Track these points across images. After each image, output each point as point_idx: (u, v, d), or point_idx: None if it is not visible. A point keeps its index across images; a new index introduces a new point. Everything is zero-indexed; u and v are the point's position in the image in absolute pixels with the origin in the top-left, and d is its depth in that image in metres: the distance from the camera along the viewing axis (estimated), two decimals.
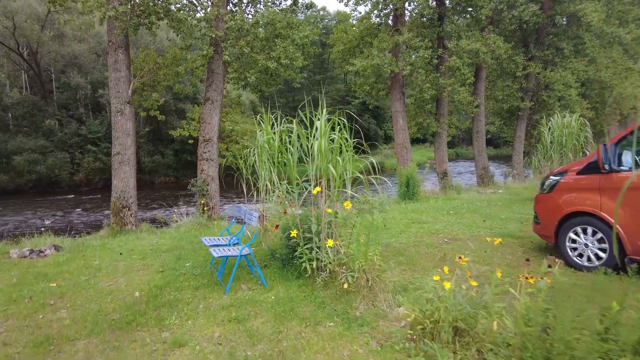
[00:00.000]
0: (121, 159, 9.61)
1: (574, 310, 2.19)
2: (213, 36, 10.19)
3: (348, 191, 4.47)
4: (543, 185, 5.49)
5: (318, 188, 4.32)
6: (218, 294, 4.35)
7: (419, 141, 42.71)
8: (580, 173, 4.92)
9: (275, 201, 5.40)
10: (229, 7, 11.93)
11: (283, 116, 5.40)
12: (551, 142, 9.95)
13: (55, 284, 4.88)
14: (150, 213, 17.11)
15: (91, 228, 13.02)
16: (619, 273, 3.84)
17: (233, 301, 4.14)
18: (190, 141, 19.29)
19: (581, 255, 4.84)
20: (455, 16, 15.29)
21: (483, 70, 16.74)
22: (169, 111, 28.42)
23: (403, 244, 6.07)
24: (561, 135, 9.77)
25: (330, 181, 4.46)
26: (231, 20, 10.65)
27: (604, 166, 4.51)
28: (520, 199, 10.19)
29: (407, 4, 15.32)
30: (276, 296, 4.22)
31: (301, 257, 4.40)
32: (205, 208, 9.92)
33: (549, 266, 2.62)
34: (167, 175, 30.25)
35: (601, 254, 4.66)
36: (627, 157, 4.51)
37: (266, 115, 5.46)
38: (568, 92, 17.14)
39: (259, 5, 12.54)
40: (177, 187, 25.69)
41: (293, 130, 4.93)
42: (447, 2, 15.08)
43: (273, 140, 5.34)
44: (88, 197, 23.30)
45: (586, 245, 4.78)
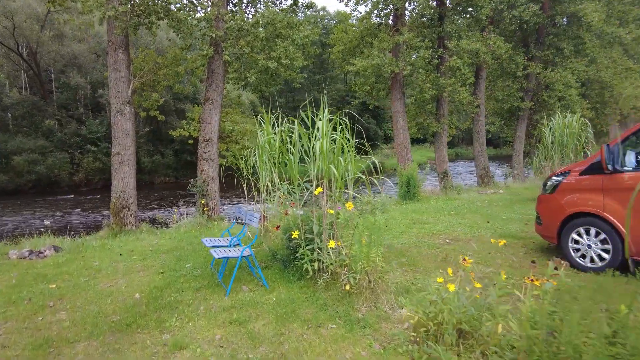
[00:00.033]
0: (121, 159, 9.58)
1: (581, 312, 2.15)
2: (213, 36, 10.16)
3: (350, 192, 4.44)
4: (545, 185, 5.46)
5: (320, 189, 4.29)
6: (219, 296, 4.32)
7: (419, 141, 42.68)
8: (583, 173, 4.89)
9: (276, 202, 5.36)
10: (229, 7, 11.90)
11: (283, 116, 5.37)
12: (552, 142, 9.91)
13: (54, 285, 4.84)
14: (150, 213, 17.08)
15: (90, 228, 12.98)
16: (627, 275, 3.81)
17: (234, 303, 4.10)
18: (190, 141, 19.25)
19: (584, 256, 4.81)
20: (455, 16, 15.26)
21: (483, 70, 16.72)
22: (169, 111, 28.37)
23: (404, 245, 6.04)
24: (562, 135, 9.74)
25: (331, 182, 4.43)
26: (231, 20, 10.63)
27: (607, 166, 4.48)
28: (521, 200, 10.17)
29: (408, 4, 15.30)
30: (277, 298, 4.18)
31: (302, 258, 4.37)
32: (205, 208, 9.89)
33: (555, 268, 2.59)
34: (167, 175, 30.20)
35: (604, 255, 4.63)
36: (631, 158, 4.49)
37: (267, 115, 5.44)
38: (568, 92, 17.13)
39: (259, 5, 12.51)
40: (177, 187, 25.66)
41: (294, 130, 4.90)
42: (448, 2, 15.04)
43: (274, 140, 5.31)
44: (87, 197, 23.26)
45: (589, 246, 4.75)
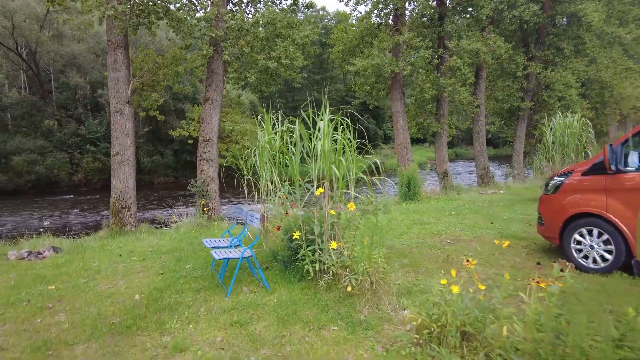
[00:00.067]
0: (120, 159, 9.54)
1: (588, 315, 2.12)
2: (213, 36, 10.12)
3: (351, 192, 4.41)
4: (547, 186, 5.44)
5: (321, 189, 4.26)
6: (219, 297, 4.28)
7: (418, 141, 42.66)
8: (585, 174, 4.87)
9: (277, 202, 5.33)
10: (229, 7, 11.86)
11: (283, 116, 5.34)
12: (553, 142, 9.88)
13: (53, 287, 4.80)
14: (149, 213, 17.04)
15: (89, 229, 12.95)
16: (634, 277, 3.78)
17: (235, 304, 4.06)
18: (189, 141, 19.21)
19: (586, 257, 4.79)
20: (455, 16, 15.25)
21: (483, 70, 16.70)
22: (169, 111, 28.33)
23: (406, 245, 6.01)
24: (563, 135, 9.71)
25: (333, 182, 4.40)
26: (231, 19, 10.59)
27: (611, 167, 4.46)
28: (521, 200, 10.14)
29: (408, 4, 15.27)
30: (278, 299, 4.15)
31: (303, 259, 4.34)
32: (205, 209, 9.86)
33: (561, 270, 2.56)
34: (167, 175, 30.15)
35: (607, 256, 4.60)
36: (634, 158, 4.46)
37: (267, 115, 5.40)
38: (568, 92, 17.11)
39: (259, 4, 12.47)
40: (177, 188, 25.62)
41: (295, 130, 4.87)
42: (448, 2, 15.02)
43: (274, 140, 5.28)
44: (87, 198, 23.21)
45: (592, 246, 4.72)
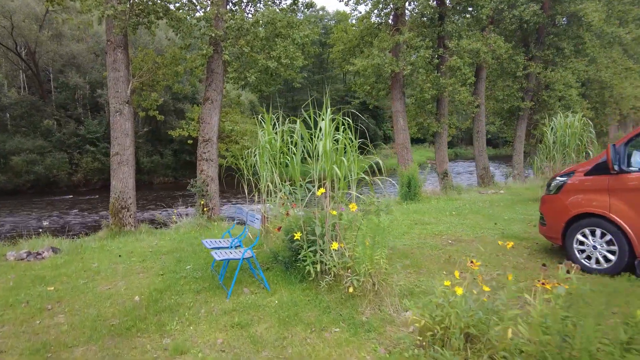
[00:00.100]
0: (120, 159, 9.50)
1: (595, 317, 2.09)
2: (213, 35, 10.09)
3: (353, 192, 4.38)
4: (549, 186, 5.41)
5: (322, 189, 4.23)
6: (220, 298, 4.25)
7: (418, 141, 42.61)
8: (588, 174, 4.84)
9: (277, 202, 5.30)
10: (229, 6, 11.83)
11: (284, 116, 5.31)
12: (554, 142, 9.85)
13: (52, 288, 4.76)
14: (149, 214, 17.00)
15: (89, 229, 12.91)
16: (637, 277, 3.75)
17: (235, 305, 4.03)
18: (189, 141, 19.12)
19: (589, 257, 4.76)
20: (455, 16, 15.22)
21: (483, 70, 16.68)
22: (168, 111, 28.27)
23: (407, 246, 5.98)
24: (564, 135, 9.68)
25: (334, 182, 4.37)
26: (231, 19, 10.56)
27: (614, 167, 4.43)
28: (522, 200, 10.12)
29: (408, 4, 15.25)
30: (279, 300, 4.12)
31: (305, 260, 4.30)
32: (205, 209, 9.82)
33: (567, 271, 2.53)
34: (166, 175, 30.09)
35: (610, 256, 4.57)
36: (637, 158, 4.43)
37: (267, 115, 5.37)
38: (568, 92, 17.10)
39: (259, 4, 12.44)
40: (176, 188, 25.56)
41: (295, 130, 4.84)
42: (448, 2, 14.99)
43: (275, 140, 5.24)
44: (86, 198, 23.15)
45: (594, 247, 4.69)
